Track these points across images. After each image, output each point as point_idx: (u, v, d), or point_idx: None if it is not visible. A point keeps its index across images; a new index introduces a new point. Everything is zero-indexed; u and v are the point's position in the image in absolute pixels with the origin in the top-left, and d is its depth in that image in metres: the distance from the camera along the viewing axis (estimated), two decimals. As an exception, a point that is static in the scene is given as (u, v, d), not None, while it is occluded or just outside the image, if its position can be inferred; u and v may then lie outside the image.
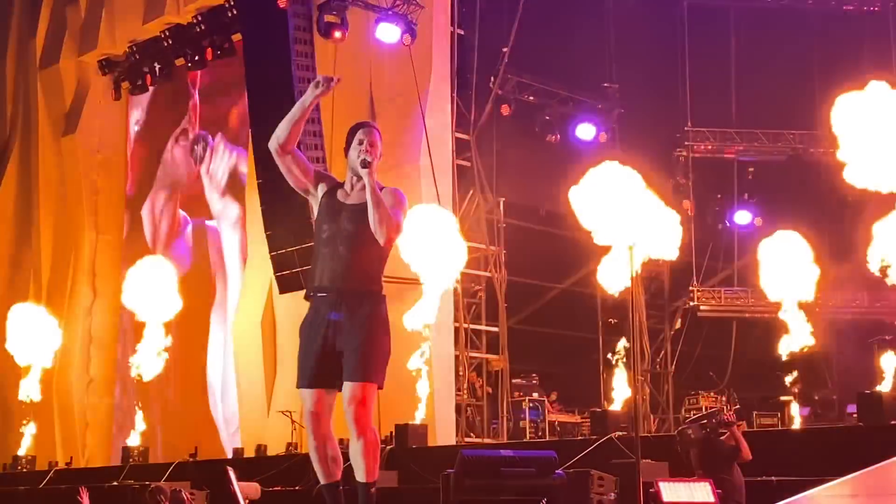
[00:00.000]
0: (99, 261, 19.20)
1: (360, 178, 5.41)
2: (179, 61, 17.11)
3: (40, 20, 19.73)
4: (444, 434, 14.57)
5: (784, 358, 14.60)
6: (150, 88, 18.07)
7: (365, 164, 5.34)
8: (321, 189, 5.54)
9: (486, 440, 15.12)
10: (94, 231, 19.23)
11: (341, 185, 5.56)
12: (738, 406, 9.96)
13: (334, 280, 5.35)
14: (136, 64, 17.91)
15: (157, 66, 17.47)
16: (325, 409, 5.44)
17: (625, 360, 13.83)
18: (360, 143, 5.45)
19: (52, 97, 19.58)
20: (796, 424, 14.41)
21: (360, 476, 5.38)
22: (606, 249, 18.92)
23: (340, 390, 5.42)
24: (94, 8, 19.09)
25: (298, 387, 5.45)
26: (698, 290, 18.86)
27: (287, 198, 13.98)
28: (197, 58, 16.40)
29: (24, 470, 17.27)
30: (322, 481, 5.51)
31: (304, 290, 5.54)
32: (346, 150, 5.55)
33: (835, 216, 17.03)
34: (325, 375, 5.38)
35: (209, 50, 16.21)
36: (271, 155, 14.81)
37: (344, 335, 5.33)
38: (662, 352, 19.21)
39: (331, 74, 14.28)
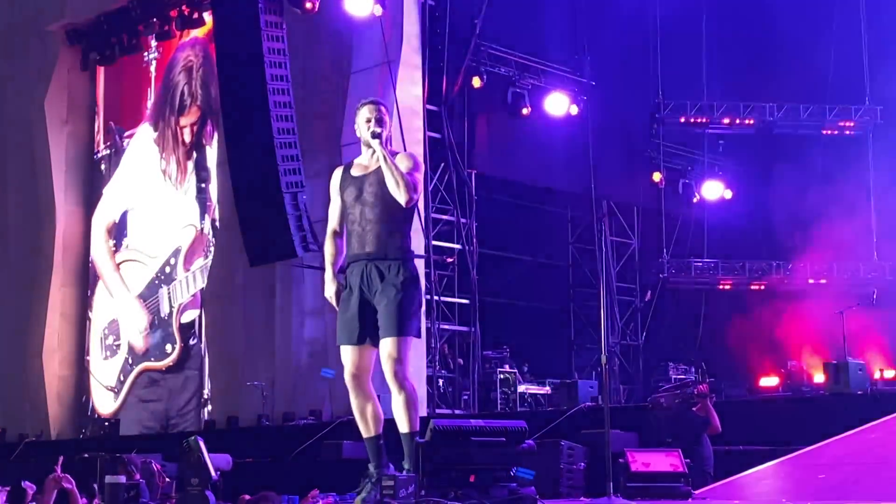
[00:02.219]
0: (67, 232, 19.10)
1: (373, 150, 5.79)
2: (147, 32, 16.95)
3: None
4: (416, 405, 14.65)
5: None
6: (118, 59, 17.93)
7: (375, 136, 5.73)
8: (340, 183, 5.91)
9: (458, 411, 15.18)
10: (63, 203, 19.12)
11: (352, 162, 5.95)
12: (712, 379, 10.13)
13: (364, 245, 5.72)
14: (104, 34, 17.74)
15: (126, 37, 17.32)
16: (365, 366, 5.79)
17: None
18: (368, 120, 5.82)
19: (19, 67, 19.37)
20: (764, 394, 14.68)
21: (403, 427, 5.71)
22: (576, 222, 19.12)
23: (377, 346, 5.75)
24: (61, -24, 18.95)
25: (339, 343, 5.80)
26: (668, 262, 19.00)
27: (258, 169, 13.99)
28: (166, 28, 16.29)
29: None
30: (364, 435, 5.86)
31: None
32: (357, 130, 5.93)
33: (803, 189, 17.18)
34: (363, 331, 5.72)
35: (177, 21, 16.08)
36: (241, 128, 14.78)
37: (378, 293, 5.69)
38: (633, 323, 19.40)
39: (293, 48, 14.01)
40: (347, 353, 5.79)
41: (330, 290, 5.87)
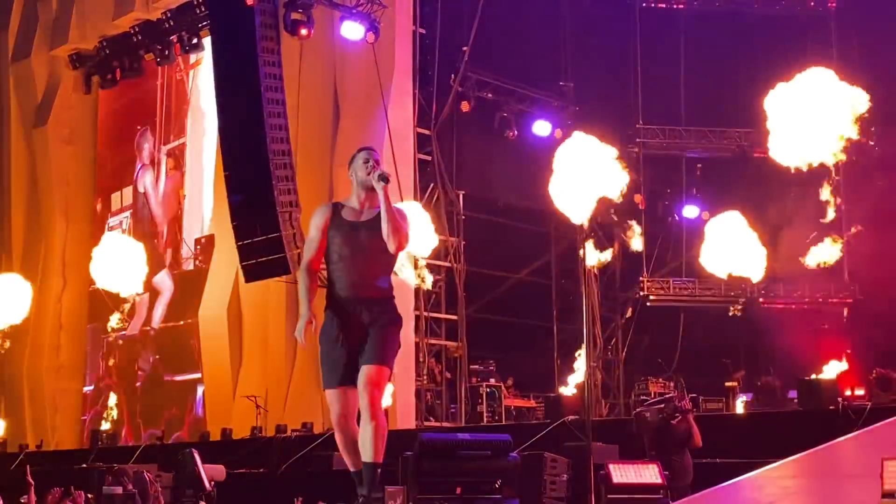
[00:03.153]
0: (69, 250, 19.38)
1: (368, 193, 5.73)
2: (149, 56, 17.29)
3: (12, 14, 19.79)
4: (404, 418, 15.02)
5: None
6: (119, 83, 18.28)
7: (385, 179, 5.63)
8: (329, 224, 5.80)
9: (445, 424, 15.46)
10: (65, 221, 19.40)
11: (341, 204, 5.87)
12: (693, 395, 10.30)
13: (355, 288, 5.68)
14: (106, 58, 18.03)
15: (127, 61, 17.65)
16: (352, 409, 5.68)
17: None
18: (367, 161, 5.76)
19: (23, 90, 19.68)
20: (740, 409, 15.00)
21: (367, 457, 5.56)
22: (560, 242, 19.45)
23: None
24: (65, 3, 19.21)
25: (325, 388, 5.70)
26: (648, 281, 19.39)
27: (254, 190, 14.33)
28: (166, 53, 16.63)
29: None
30: (352, 469, 5.72)
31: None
32: (349, 169, 5.87)
33: (778, 211, 17.64)
34: (346, 374, 5.64)
35: (178, 46, 16.42)
36: (237, 147, 14.90)
37: (363, 329, 5.64)
38: (614, 339, 19.70)
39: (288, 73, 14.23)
40: (335, 397, 5.70)
41: (301, 327, 5.66)
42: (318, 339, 5.78)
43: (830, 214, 17.54)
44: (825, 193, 17.29)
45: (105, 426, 18.20)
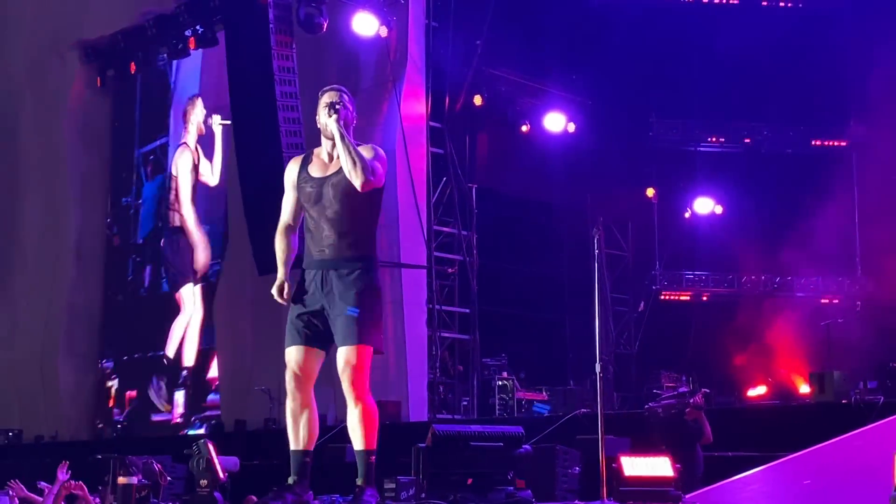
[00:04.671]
0: (84, 245, 19.50)
1: (333, 143, 5.36)
2: (163, 50, 17.34)
3: (27, 8, 19.88)
4: (417, 410, 15.07)
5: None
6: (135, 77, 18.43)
7: (334, 110, 5.31)
8: (297, 179, 5.50)
9: (457, 416, 15.44)
10: (80, 213, 19.53)
11: (310, 157, 5.54)
12: (707, 391, 10.32)
13: (323, 250, 5.33)
14: (120, 52, 18.16)
15: (141, 55, 17.74)
16: (308, 370, 5.38)
17: None
18: (327, 106, 5.43)
19: (37, 85, 19.74)
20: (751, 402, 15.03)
21: (357, 444, 5.38)
22: (573, 235, 19.50)
23: (327, 352, 5.43)
24: (80, -4, 19.35)
25: (286, 346, 5.46)
26: (661, 274, 19.43)
27: (267, 181, 14.39)
28: (180, 47, 16.70)
29: (10, 444, 17.68)
30: (291, 446, 5.48)
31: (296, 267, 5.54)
32: (317, 118, 5.53)
33: (791, 205, 17.65)
34: (311, 335, 5.36)
35: (192, 40, 16.48)
36: (251, 142, 14.93)
37: (334, 300, 5.29)
38: (626, 333, 19.77)
39: (302, 67, 14.28)
40: (292, 354, 5.43)
41: (277, 287, 5.43)
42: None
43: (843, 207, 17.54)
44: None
45: (119, 417, 18.32)
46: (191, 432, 17.17)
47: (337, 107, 5.32)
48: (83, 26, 18.99)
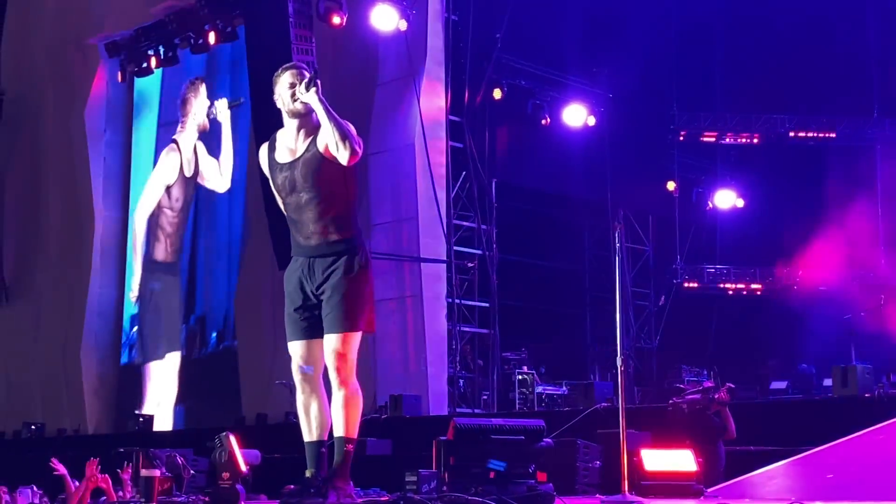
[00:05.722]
0: (105, 237, 19.61)
1: (301, 121, 5.15)
2: (183, 45, 17.40)
3: (48, 3, 20.03)
4: (437, 404, 15.09)
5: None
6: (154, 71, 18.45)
7: (312, 83, 5.06)
8: (270, 170, 5.36)
9: (477, 410, 15.44)
10: (102, 207, 19.64)
11: (274, 142, 5.33)
12: (732, 385, 10.30)
13: (304, 236, 5.20)
14: (141, 47, 18.22)
15: (162, 49, 17.81)
16: (313, 362, 5.28)
17: None
18: (293, 86, 5.20)
19: (59, 79, 19.88)
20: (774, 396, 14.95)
21: (338, 430, 5.24)
22: (593, 229, 19.48)
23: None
24: (100, -9, 19.43)
25: (288, 340, 5.36)
26: (681, 268, 19.37)
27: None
28: (200, 41, 16.73)
29: (34, 437, 17.83)
30: (305, 438, 5.40)
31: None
32: (279, 99, 5.27)
33: (814, 198, 17.55)
34: (309, 327, 5.25)
35: (212, 34, 16.53)
36: (272, 134, 15.01)
37: (322, 287, 5.18)
38: (647, 327, 19.74)
39: (321, 61, 14.27)
40: (296, 348, 5.32)
41: None
42: None
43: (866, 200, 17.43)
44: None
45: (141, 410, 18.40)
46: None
47: (316, 80, 5.09)
48: (104, 21, 19.09)
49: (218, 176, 18.41)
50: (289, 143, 5.23)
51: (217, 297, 18.63)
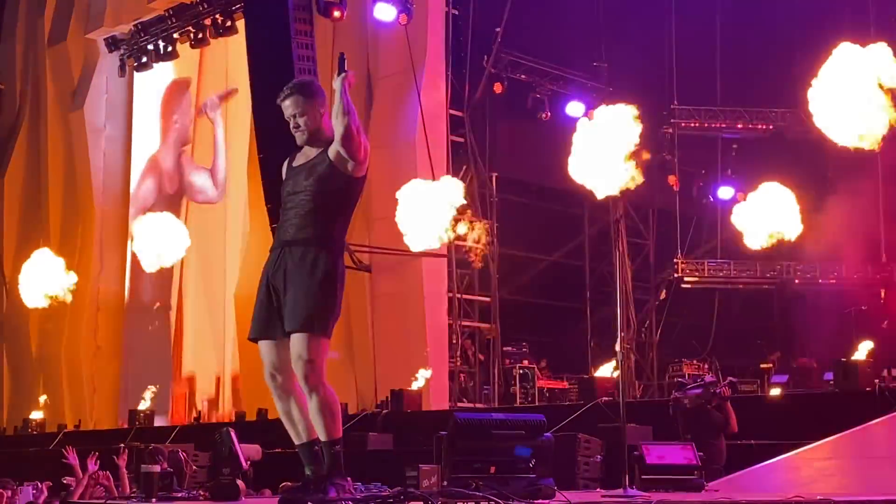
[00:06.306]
0: (105, 233, 19.61)
1: (312, 142, 5.23)
2: (183, 39, 17.39)
3: (48, -1, 20.11)
4: (438, 399, 15.10)
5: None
6: (154, 66, 18.42)
7: (342, 69, 5.14)
8: (286, 167, 5.41)
9: (478, 405, 15.54)
10: (102, 203, 19.64)
11: (293, 157, 5.39)
12: (734, 379, 10.25)
13: (283, 231, 5.20)
14: (140, 42, 18.21)
15: (162, 44, 17.79)
16: (284, 363, 5.19)
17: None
18: (293, 117, 5.26)
19: (59, 74, 19.90)
20: (775, 391, 14.93)
21: (320, 434, 5.19)
22: (594, 223, 19.43)
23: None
24: (100, -14, 19.43)
25: (249, 338, 5.32)
26: (682, 262, 19.29)
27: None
28: (200, 36, 16.72)
29: (34, 433, 17.82)
30: (295, 442, 5.30)
31: None
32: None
33: (815, 192, 17.51)
34: (273, 326, 5.18)
35: (211, 28, 16.51)
36: (272, 129, 14.82)
37: (286, 279, 5.12)
38: (647, 321, 19.69)
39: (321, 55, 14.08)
40: (263, 350, 5.24)
41: None
42: None
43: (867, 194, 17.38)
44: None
45: (142, 406, 18.42)
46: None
47: (344, 67, 5.17)
48: (105, 16, 19.07)
49: (210, 186, 18.30)
50: (307, 152, 5.32)
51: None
